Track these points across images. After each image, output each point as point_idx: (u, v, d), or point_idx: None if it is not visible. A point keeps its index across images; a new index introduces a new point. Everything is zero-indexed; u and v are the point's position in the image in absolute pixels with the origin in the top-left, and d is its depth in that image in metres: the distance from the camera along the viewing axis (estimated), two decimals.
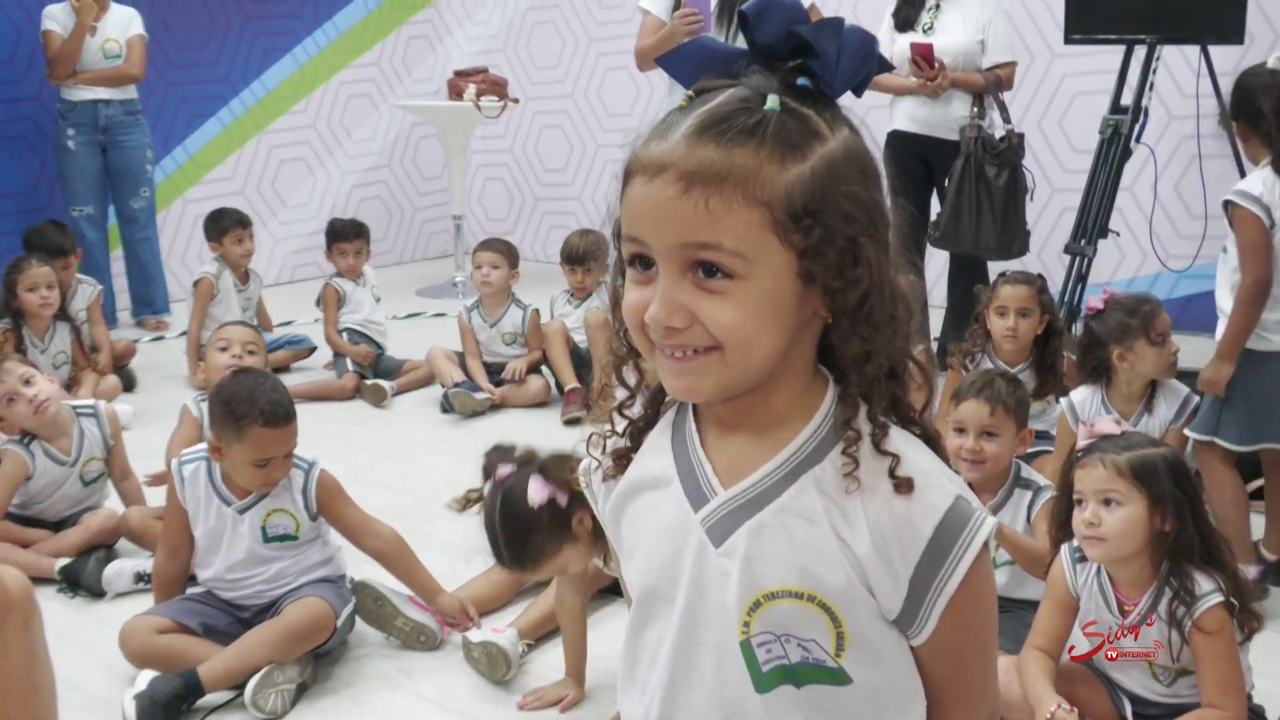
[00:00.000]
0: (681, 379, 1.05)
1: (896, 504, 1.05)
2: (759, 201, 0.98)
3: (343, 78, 7.93)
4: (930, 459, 1.09)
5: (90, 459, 3.50)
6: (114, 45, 6.14)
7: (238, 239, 5.42)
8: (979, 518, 1.06)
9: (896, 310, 1.06)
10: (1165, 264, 5.51)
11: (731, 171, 0.98)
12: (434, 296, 7.18)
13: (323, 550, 2.93)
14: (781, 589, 1.07)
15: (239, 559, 2.83)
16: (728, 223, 0.98)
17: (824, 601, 1.06)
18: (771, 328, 1.02)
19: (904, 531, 1.05)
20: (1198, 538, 2.23)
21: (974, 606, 1.09)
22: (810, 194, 1.00)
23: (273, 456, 2.77)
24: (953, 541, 1.05)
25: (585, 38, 7.94)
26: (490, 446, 3.01)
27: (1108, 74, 5.11)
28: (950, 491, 1.07)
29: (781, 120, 1.00)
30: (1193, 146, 5.34)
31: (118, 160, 6.26)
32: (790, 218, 0.99)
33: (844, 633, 1.07)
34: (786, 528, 1.07)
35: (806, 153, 1.00)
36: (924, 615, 1.07)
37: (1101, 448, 2.27)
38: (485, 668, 2.80)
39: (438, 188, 8.43)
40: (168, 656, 2.71)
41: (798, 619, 1.07)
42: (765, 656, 1.09)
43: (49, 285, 4.70)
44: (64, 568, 3.31)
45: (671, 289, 1.02)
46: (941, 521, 1.05)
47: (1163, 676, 2.28)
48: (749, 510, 1.08)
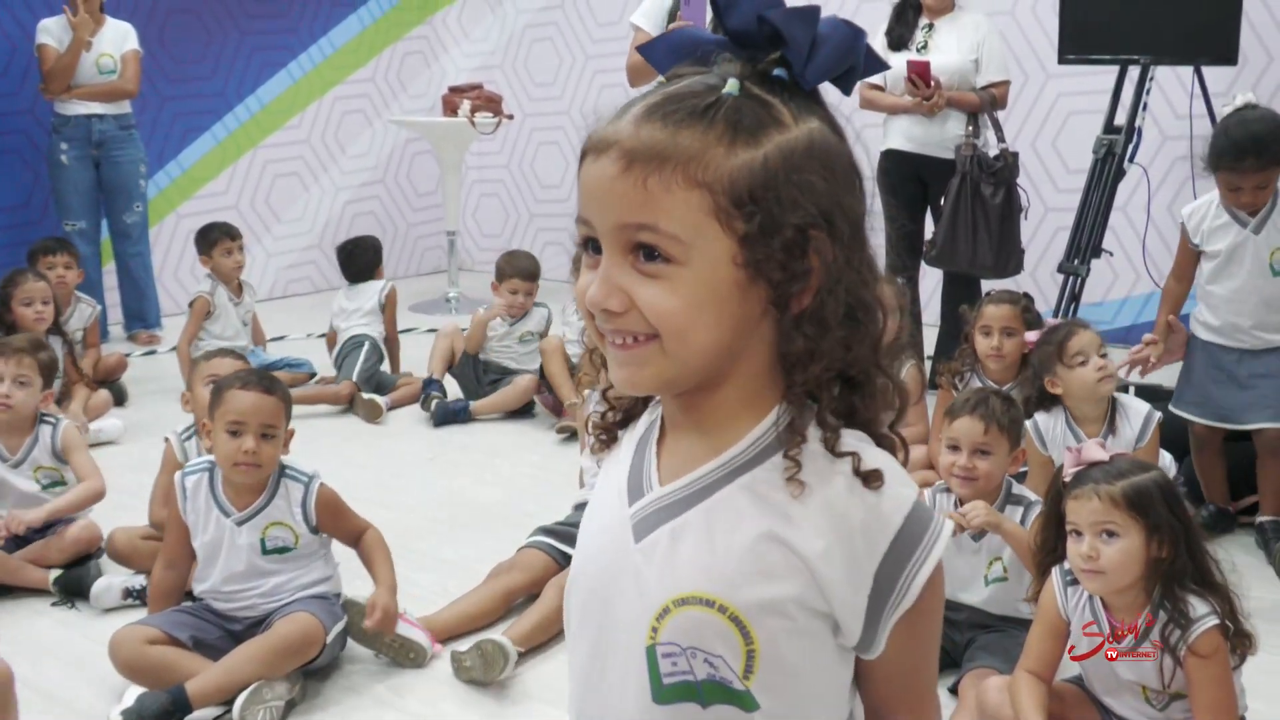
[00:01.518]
0: (623, 369, 1.01)
1: (867, 497, 1.00)
2: (700, 184, 0.95)
3: (337, 93, 7.93)
4: (888, 458, 1.05)
5: (38, 466, 3.51)
6: (109, 60, 6.14)
7: (227, 250, 5.37)
8: (939, 521, 1.03)
9: (859, 315, 1.01)
10: (1158, 284, 5.50)
11: (674, 151, 0.95)
12: (428, 312, 7.18)
13: (323, 568, 2.93)
14: (693, 594, 1.01)
15: (238, 570, 2.82)
16: (665, 204, 0.95)
17: (736, 614, 1.00)
18: (709, 317, 0.97)
19: (872, 523, 1.00)
20: (1190, 561, 2.22)
21: (929, 612, 1.04)
22: (757, 180, 0.95)
23: (246, 422, 2.74)
24: (920, 535, 1.01)
25: (582, 55, 7.95)
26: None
27: (1101, 94, 5.13)
28: (914, 488, 1.04)
29: (738, 104, 0.97)
30: (1186, 167, 5.34)
31: (111, 175, 6.25)
32: (733, 203, 0.95)
33: (755, 651, 1.01)
34: (711, 530, 1.02)
35: (760, 139, 0.96)
36: (885, 621, 1.02)
37: (1092, 477, 2.25)
38: (480, 670, 2.79)
39: (432, 204, 8.43)
40: (157, 668, 2.70)
41: (706, 631, 1.01)
42: (669, 669, 1.03)
43: (44, 300, 4.70)
44: (59, 578, 3.31)
45: (610, 271, 0.98)
46: (910, 513, 1.01)
47: (1156, 701, 2.27)
48: (676, 509, 1.04)
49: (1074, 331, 3.32)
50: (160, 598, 2.91)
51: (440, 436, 4.83)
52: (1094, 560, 2.21)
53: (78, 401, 4.69)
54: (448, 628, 3.03)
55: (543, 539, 3.27)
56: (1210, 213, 3.54)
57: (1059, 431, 3.32)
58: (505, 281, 5.17)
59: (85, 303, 5.31)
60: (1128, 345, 5.88)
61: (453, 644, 2.94)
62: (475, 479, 4.29)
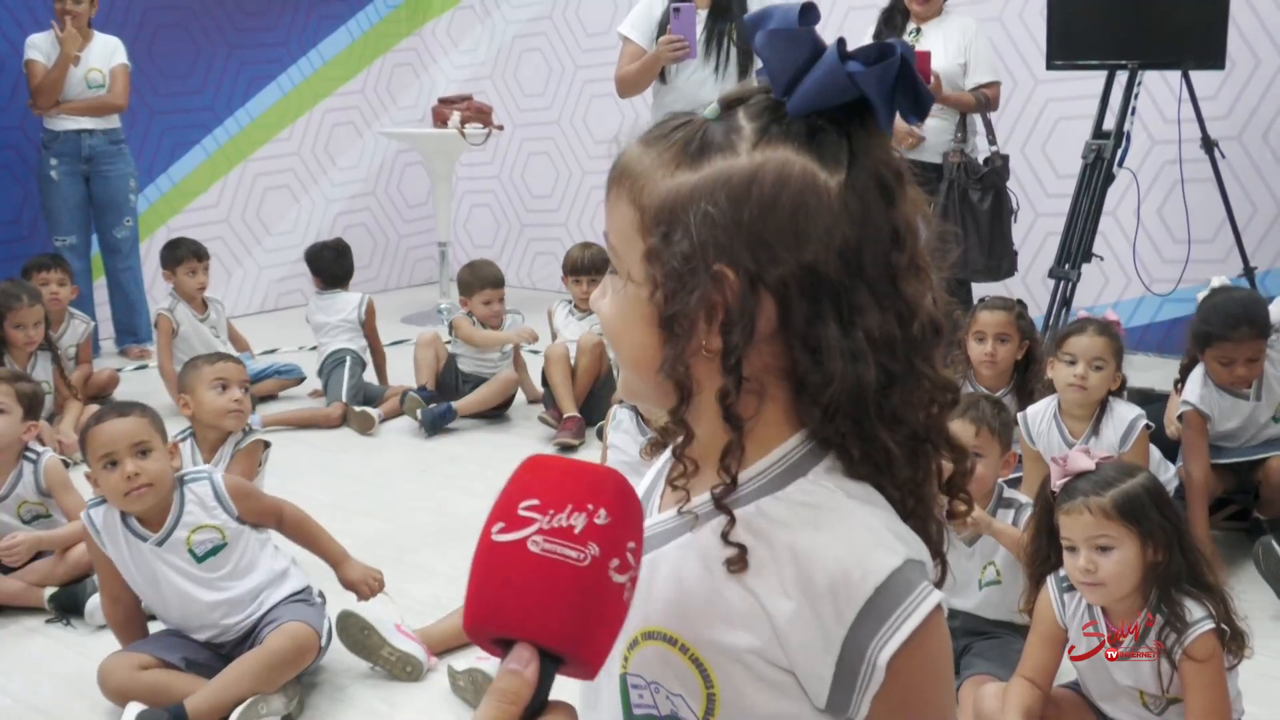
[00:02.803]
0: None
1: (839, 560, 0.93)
2: (637, 203, 0.98)
3: (327, 105, 7.93)
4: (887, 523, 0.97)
5: (22, 502, 3.48)
6: (98, 75, 6.13)
7: (191, 270, 5.33)
8: (923, 590, 0.94)
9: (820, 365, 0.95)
10: (1149, 288, 5.53)
11: (632, 170, 0.99)
12: (418, 324, 7.16)
13: (274, 559, 2.89)
14: (658, 629, 0.99)
15: (191, 593, 2.76)
16: (613, 219, 1.01)
17: (696, 655, 0.97)
18: (636, 331, 0.99)
19: (839, 588, 0.93)
20: (1184, 562, 2.22)
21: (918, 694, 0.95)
22: (678, 202, 0.95)
23: (115, 449, 2.69)
24: (892, 607, 0.92)
25: (571, 65, 7.95)
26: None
27: (1090, 99, 5.14)
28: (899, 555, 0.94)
29: (706, 128, 0.97)
30: (1175, 171, 5.36)
31: (101, 190, 6.24)
32: (652, 219, 0.97)
33: (714, 695, 0.97)
34: (681, 567, 0.99)
35: (702, 164, 0.95)
36: (859, 694, 0.94)
37: (1081, 489, 2.24)
38: (471, 695, 2.78)
39: (423, 215, 8.43)
40: (150, 692, 2.68)
41: (667, 669, 0.99)
42: (636, 699, 1.03)
43: (35, 323, 4.71)
44: (54, 595, 3.30)
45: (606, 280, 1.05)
46: (885, 582, 0.93)
47: (1153, 705, 2.27)
48: (658, 541, 1.02)
49: (1081, 330, 3.35)
50: (121, 629, 2.88)
51: (432, 448, 4.82)
52: (1092, 573, 2.21)
53: (70, 419, 4.68)
54: (443, 640, 3.02)
55: None
56: (1214, 400, 3.54)
57: (1045, 425, 3.37)
58: (477, 293, 5.13)
59: (79, 319, 5.31)
60: None
61: (449, 657, 2.93)
62: (468, 490, 4.28)
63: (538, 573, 0.86)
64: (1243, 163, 5.54)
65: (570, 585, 0.86)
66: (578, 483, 0.90)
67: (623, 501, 0.90)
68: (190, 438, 3.42)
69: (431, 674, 2.93)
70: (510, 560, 0.87)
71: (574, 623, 0.86)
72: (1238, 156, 5.49)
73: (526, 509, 0.89)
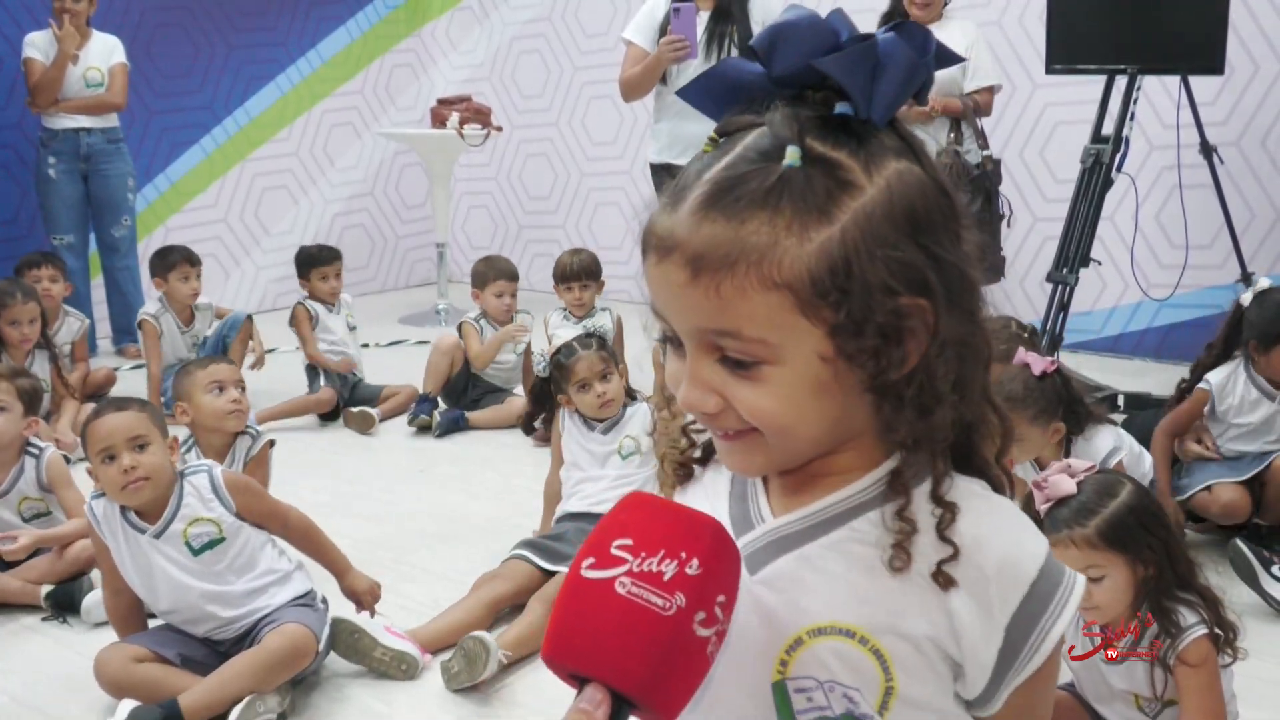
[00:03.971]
0: (731, 457, 0.97)
1: (1002, 547, 0.94)
2: (778, 284, 0.87)
3: (326, 106, 7.93)
4: (1013, 509, 0.99)
5: (24, 498, 3.48)
6: (96, 74, 6.14)
7: (184, 276, 5.30)
8: (1071, 575, 0.97)
9: (966, 369, 0.94)
10: (1147, 293, 5.53)
11: (743, 252, 0.86)
12: (417, 324, 7.17)
13: (276, 560, 2.88)
14: (830, 625, 0.95)
15: (183, 582, 2.75)
16: (744, 310, 0.87)
17: (877, 646, 0.94)
18: (812, 412, 0.91)
19: (1006, 574, 0.94)
20: (1174, 570, 2.22)
21: (1049, 674, 0.98)
22: (839, 264, 0.87)
23: (113, 444, 2.69)
24: (1052, 592, 0.95)
25: (570, 66, 7.96)
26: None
27: (1089, 104, 5.15)
28: (1044, 541, 0.98)
29: (802, 176, 0.87)
30: (1173, 176, 5.37)
31: (99, 189, 6.24)
32: (817, 294, 0.87)
33: (894, 688, 0.95)
34: (846, 559, 0.96)
35: (833, 214, 0.87)
36: (1010, 679, 0.95)
37: (1064, 520, 2.22)
38: (465, 669, 2.78)
39: (421, 215, 8.43)
40: (144, 686, 2.68)
41: (844, 663, 0.95)
42: (804, 705, 0.96)
43: (30, 321, 4.71)
44: (51, 593, 3.30)
45: (699, 372, 0.92)
46: (1043, 568, 0.95)
47: (1148, 708, 2.27)
48: (797, 540, 0.98)
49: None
50: (121, 623, 2.89)
51: (430, 449, 4.82)
52: (1088, 599, 2.22)
53: (66, 418, 4.68)
54: (436, 639, 3.02)
55: (525, 552, 3.27)
56: (1239, 388, 3.60)
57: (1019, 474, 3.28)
58: (490, 285, 5.14)
59: (73, 317, 5.30)
60: (1116, 354, 5.94)
61: (441, 655, 2.93)
62: (465, 492, 4.28)
63: (620, 616, 0.85)
64: (1241, 168, 5.55)
65: (650, 633, 0.84)
66: (674, 527, 0.88)
67: (719, 552, 0.88)
68: (194, 447, 3.40)
69: (427, 673, 2.93)
70: (595, 599, 0.86)
71: (649, 671, 0.84)
72: (1236, 162, 5.50)
73: (619, 548, 0.88)
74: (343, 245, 7.19)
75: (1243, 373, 3.60)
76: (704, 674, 0.89)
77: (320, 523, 2.98)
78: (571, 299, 5.11)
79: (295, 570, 2.93)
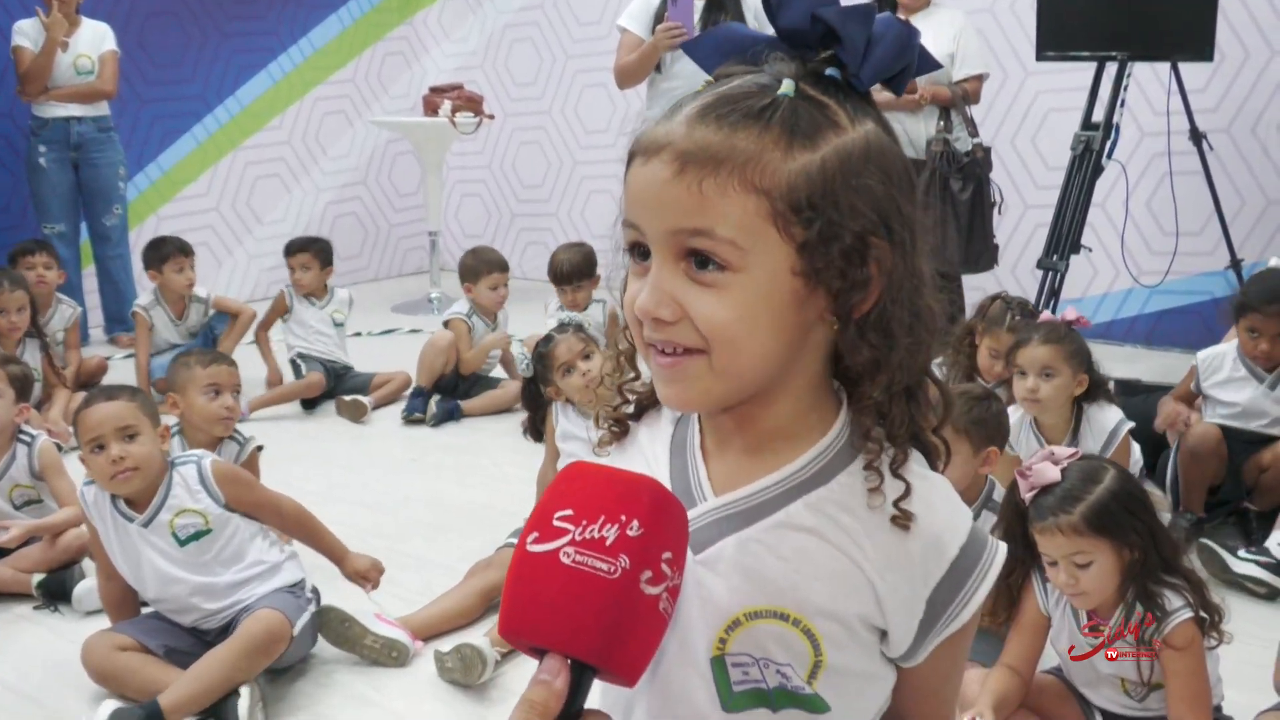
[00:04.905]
0: (670, 386, 0.99)
1: (928, 523, 1.00)
2: (758, 189, 0.92)
3: (318, 94, 7.92)
4: (945, 484, 1.05)
5: (15, 485, 3.48)
6: (86, 61, 6.12)
7: (179, 267, 5.29)
8: (994, 545, 1.04)
9: (918, 325, 1.00)
10: (1137, 280, 5.55)
11: (730, 154, 0.92)
12: (410, 313, 7.17)
13: (266, 551, 2.88)
14: (766, 608, 1.00)
15: (173, 573, 2.76)
16: (722, 208, 0.92)
17: (809, 628, 1.00)
18: (764, 329, 0.95)
19: (930, 551, 1.00)
20: (1159, 554, 2.24)
21: (969, 631, 1.05)
22: (816, 185, 0.93)
23: (102, 433, 2.69)
24: (974, 564, 1.02)
25: (563, 54, 7.95)
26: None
27: (1079, 91, 5.15)
28: (968, 514, 1.04)
29: (794, 106, 0.94)
30: (1164, 163, 5.38)
31: (90, 177, 6.23)
32: (791, 208, 0.92)
33: (822, 661, 1.01)
34: (781, 546, 1.01)
35: (818, 142, 0.94)
36: (930, 640, 1.03)
37: (1049, 507, 2.24)
38: (460, 673, 2.79)
39: (413, 204, 8.42)
40: (124, 675, 2.70)
41: (777, 643, 1.01)
42: (740, 677, 1.03)
43: (19, 309, 4.71)
44: (42, 581, 3.30)
45: (662, 278, 0.95)
46: (966, 543, 1.02)
47: (1134, 692, 2.29)
48: (738, 522, 1.02)
49: (1026, 340, 3.24)
50: (114, 608, 2.89)
51: (422, 437, 4.83)
52: (1075, 585, 2.23)
53: (59, 407, 4.68)
54: (428, 626, 3.03)
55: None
56: (1227, 365, 3.66)
57: (1023, 435, 3.29)
58: (484, 278, 5.14)
59: (66, 304, 5.31)
60: (1107, 341, 5.95)
61: (435, 642, 2.94)
62: (458, 480, 4.29)
63: (567, 585, 0.87)
64: (1231, 155, 5.56)
65: (599, 598, 0.86)
66: (612, 492, 0.90)
67: (658, 511, 0.90)
68: (179, 434, 3.40)
69: (418, 659, 2.94)
70: (542, 571, 0.88)
71: (602, 635, 0.86)
72: (1226, 148, 5.51)
73: (561, 519, 0.89)
74: (335, 234, 7.22)
75: (1235, 350, 3.64)
76: (662, 630, 0.91)
77: (312, 511, 2.99)
78: (566, 300, 5.16)
79: (287, 560, 2.92)
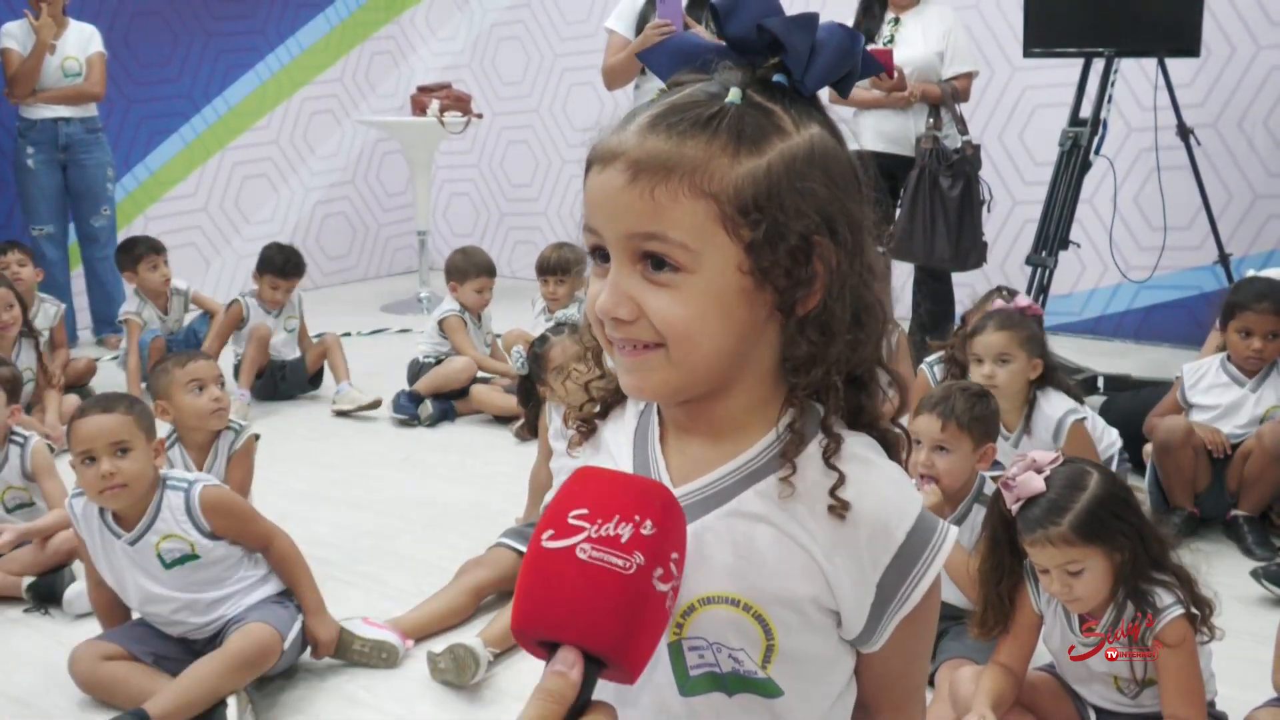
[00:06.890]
0: (631, 375, 1.04)
1: (873, 509, 1.04)
2: (706, 193, 0.97)
3: (305, 94, 7.90)
4: (895, 469, 1.09)
5: (8, 487, 3.47)
6: (74, 63, 6.10)
7: (153, 265, 5.32)
8: (944, 528, 1.07)
9: (863, 317, 1.04)
10: (1126, 275, 5.56)
11: (680, 162, 0.97)
12: (398, 312, 7.16)
13: (251, 568, 2.85)
14: (720, 594, 1.05)
15: (158, 592, 2.74)
16: (673, 214, 0.97)
17: (760, 612, 1.04)
18: (717, 325, 1.00)
19: (877, 536, 1.04)
20: (1147, 553, 2.24)
21: (927, 614, 1.09)
22: (762, 188, 0.98)
23: (94, 447, 2.65)
24: (922, 548, 1.05)
25: (550, 54, 7.94)
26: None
27: (1067, 87, 5.16)
28: (918, 500, 1.08)
29: (740, 113, 0.99)
30: (1151, 159, 5.39)
31: (78, 179, 6.21)
32: (739, 211, 0.97)
33: (774, 645, 1.05)
34: (732, 534, 1.05)
35: (764, 147, 0.99)
36: (885, 622, 1.06)
37: (1038, 520, 2.23)
38: (453, 673, 2.78)
39: (402, 204, 8.42)
40: (112, 684, 2.68)
41: (731, 627, 1.05)
42: (695, 661, 1.07)
43: (8, 307, 4.68)
44: (32, 585, 3.29)
45: (620, 279, 1.00)
46: (913, 528, 1.05)
47: (1127, 689, 2.29)
48: (695, 511, 1.06)
49: (982, 327, 3.28)
50: (104, 613, 2.88)
51: (412, 436, 4.82)
52: (1070, 590, 2.24)
53: (52, 409, 4.66)
54: (419, 627, 3.03)
55: (510, 540, 3.27)
56: (1210, 374, 3.72)
57: None
58: (470, 280, 5.15)
59: (49, 302, 5.29)
60: (1095, 336, 5.97)
61: (426, 643, 2.94)
62: (448, 479, 4.29)
63: (585, 579, 0.90)
64: (1218, 150, 5.58)
65: (616, 592, 0.90)
66: (626, 494, 0.94)
67: (668, 514, 0.94)
68: (176, 442, 3.37)
69: (410, 660, 2.93)
70: (559, 566, 0.91)
71: (618, 628, 0.90)
72: (1213, 144, 5.53)
73: (576, 518, 0.93)
74: (323, 233, 7.23)
75: (1219, 361, 3.69)
76: (664, 627, 0.95)
77: (302, 511, 2.98)
78: (546, 292, 5.16)
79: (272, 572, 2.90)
